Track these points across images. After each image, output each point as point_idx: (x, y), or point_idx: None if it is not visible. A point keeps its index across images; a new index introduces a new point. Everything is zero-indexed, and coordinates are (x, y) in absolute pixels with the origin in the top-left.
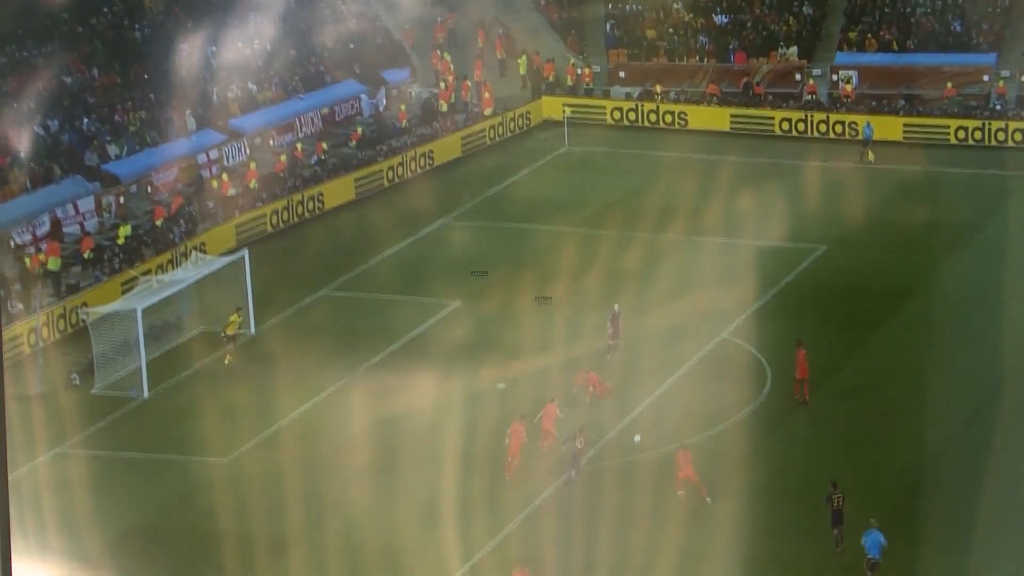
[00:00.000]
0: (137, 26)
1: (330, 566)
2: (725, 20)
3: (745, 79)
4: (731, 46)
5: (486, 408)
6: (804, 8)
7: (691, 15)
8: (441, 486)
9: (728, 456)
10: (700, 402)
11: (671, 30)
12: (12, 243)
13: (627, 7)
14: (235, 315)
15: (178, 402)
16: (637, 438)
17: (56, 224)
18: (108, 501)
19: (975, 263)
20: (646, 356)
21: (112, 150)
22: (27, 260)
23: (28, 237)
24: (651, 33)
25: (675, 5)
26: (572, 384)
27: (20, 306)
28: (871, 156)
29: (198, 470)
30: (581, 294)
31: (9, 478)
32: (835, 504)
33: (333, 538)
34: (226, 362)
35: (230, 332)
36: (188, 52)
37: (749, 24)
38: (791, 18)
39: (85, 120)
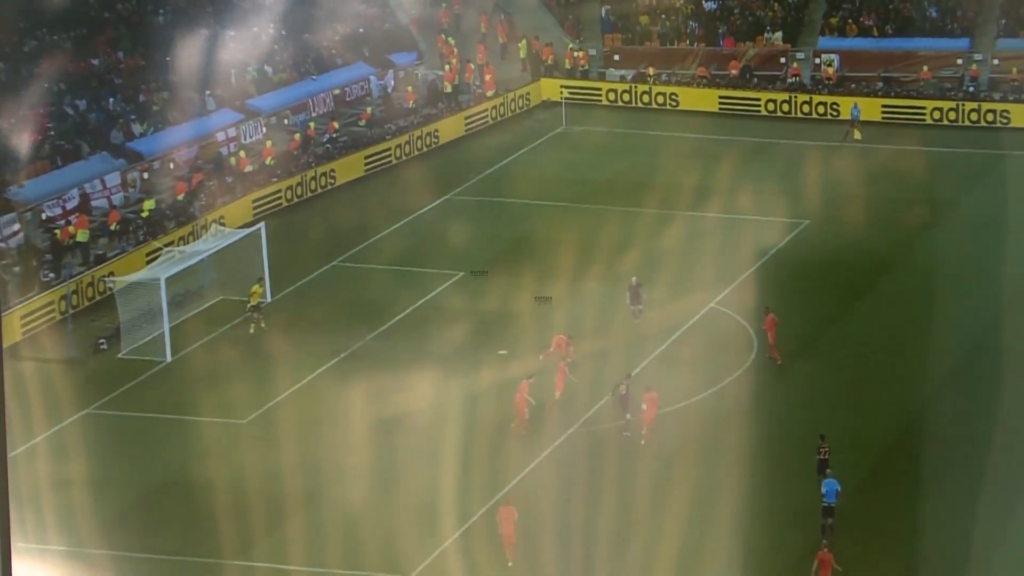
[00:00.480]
0: (160, 11)
1: (344, 518)
2: (714, 6)
3: (743, 63)
4: (720, 31)
5: (488, 372)
6: None
7: (682, 1)
8: (448, 443)
9: (718, 417)
10: (691, 367)
11: (663, 16)
12: (43, 216)
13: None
14: (257, 286)
15: (199, 366)
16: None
17: (84, 198)
18: (132, 459)
19: (950, 237)
20: (641, 324)
21: (136, 129)
22: (57, 232)
23: (58, 211)
24: (644, 19)
25: None
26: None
27: (52, 275)
28: (858, 134)
29: (218, 431)
30: (579, 267)
31: (40, 438)
32: (822, 456)
33: (348, 491)
34: (252, 331)
35: (254, 302)
36: (208, 36)
37: (736, 10)
38: (776, 5)
39: (111, 100)
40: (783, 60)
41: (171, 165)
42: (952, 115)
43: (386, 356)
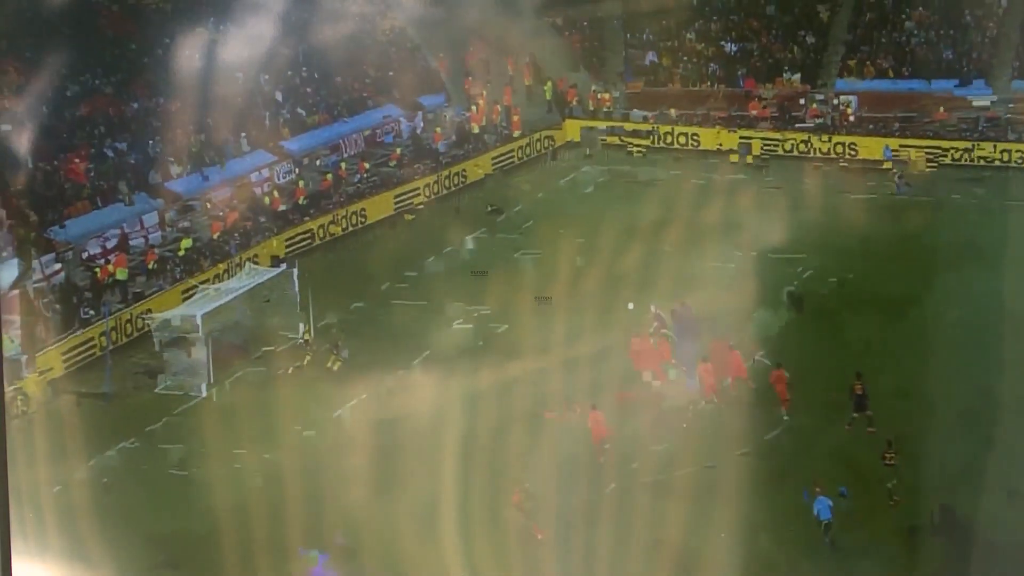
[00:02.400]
0: (197, 55)
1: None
2: (734, 49)
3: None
4: (740, 72)
5: (513, 396)
6: (807, 38)
7: (703, 44)
8: (477, 485)
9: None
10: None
11: (684, 58)
12: (84, 255)
13: (644, 37)
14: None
15: (232, 399)
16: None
17: (123, 238)
18: (168, 491)
19: (964, 277)
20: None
21: (174, 170)
22: (97, 271)
23: (98, 249)
24: (665, 60)
25: (688, 35)
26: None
27: (91, 312)
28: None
29: (250, 463)
30: (597, 297)
31: (80, 470)
32: (856, 391)
33: (379, 528)
34: (304, 363)
35: (307, 337)
36: (242, 80)
37: (756, 52)
38: (795, 47)
39: (150, 142)
40: (802, 101)
41: (207, 205)
42: (968, 156)
43: (415, 390)
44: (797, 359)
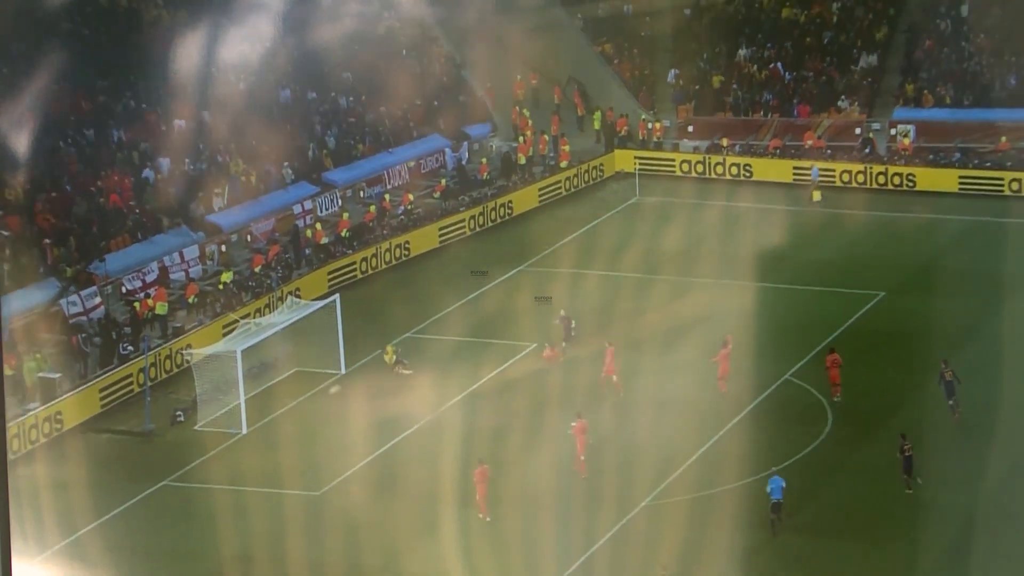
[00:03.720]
0: (241, 85)
1: None
2: (789, 76)
3: (861, 134)
4: (794, 100)
5: (558, 428)
6: (863, 63)
7: (756, 68)
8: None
9: (793, 489)
10: (765, 438)
11: (735, 86)
12: (124, 289)
13: (697, 64)
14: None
15: (274, 437)
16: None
17: (163, 271)
18: (207, 531)
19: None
20: (715, 393)
21: (216, 202)
22: (137, 305)
23: (138, 284)
24: (716, 81)
25: (741, 53)
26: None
27: (130, 348)
28: (817, 196)
29: (292, 503)
30: (650, 335)
31: (117, 510)
32: (905, 452)
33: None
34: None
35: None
36: (286, 109)
37: (811, 78)
38: (853, 73)
39: (191, 167)
40: (858, 131)
41: (248, 238)
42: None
43: (460, 426)
44: None
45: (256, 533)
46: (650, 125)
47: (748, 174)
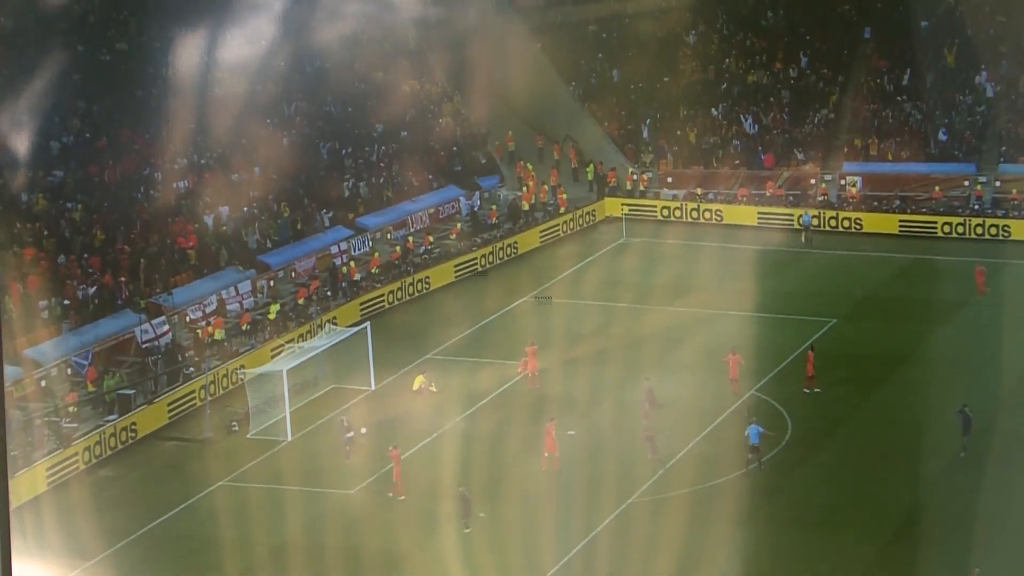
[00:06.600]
0: (285, 138)
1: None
2: (755, 128)
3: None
4: (759, 148)
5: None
6: (818, 119)
7: (725, 123)
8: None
9: (757, 488)
10: (734, 445)
11: (708, 137)
12: (188, 319)
13: (674, 123)
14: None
15: (315, 444)
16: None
17: (221, 303)
18: (257, 524)
19: (958, 334)
20: (686, 408)
21: (266, 244)
22: (199, 332)
23: (199, 314)
24: (692, 136)
25: (713, 111)
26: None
27: (192, 368)
28: (804, 239)
29: (330, 500)
30: (633, 355)
31: (181, 505)
32: (967, 413)
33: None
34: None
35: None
36: (326, 162)
37: (775, 131)
38: (808, 124)
39: (246, 212)
40: (813, 181)
41: (293, 274)
42: (960, 229)
43: (475, 434)
44: None
45: (298, 525)
46: (635, 176)
47: (719, 218)
